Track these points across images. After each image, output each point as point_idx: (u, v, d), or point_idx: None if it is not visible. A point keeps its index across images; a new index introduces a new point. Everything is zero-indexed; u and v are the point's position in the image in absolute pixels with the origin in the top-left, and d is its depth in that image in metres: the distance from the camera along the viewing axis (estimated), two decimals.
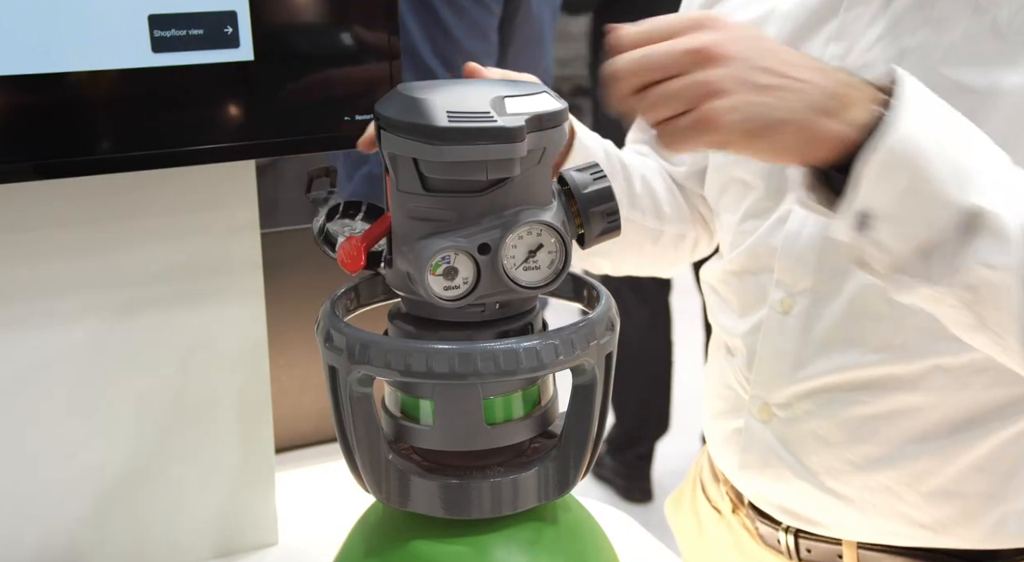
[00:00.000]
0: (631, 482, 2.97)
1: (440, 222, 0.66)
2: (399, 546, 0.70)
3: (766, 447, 0.98)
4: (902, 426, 0.91)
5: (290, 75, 0.84)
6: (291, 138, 0.86)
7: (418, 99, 0.64)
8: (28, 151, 0.78)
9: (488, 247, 0.65)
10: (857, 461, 0.93)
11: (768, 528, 1.03)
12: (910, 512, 0.93)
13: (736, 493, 1.07)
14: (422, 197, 0.66)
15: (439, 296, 0.66)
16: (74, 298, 0.89)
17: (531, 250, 0.67)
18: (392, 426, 0.71)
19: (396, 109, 0.66)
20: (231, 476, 0.99)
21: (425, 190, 0.66)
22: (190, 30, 0.80)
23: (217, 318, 0.95)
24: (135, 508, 0.95)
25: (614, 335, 0.70)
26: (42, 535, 0.93)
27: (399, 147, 0.65)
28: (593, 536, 0.75)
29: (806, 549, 1.00)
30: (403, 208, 0.67)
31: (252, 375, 0.97)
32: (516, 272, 0.67)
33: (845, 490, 0.94)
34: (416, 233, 0.66)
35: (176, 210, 0.91)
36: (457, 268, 0.66)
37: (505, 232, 0.65)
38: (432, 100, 0.64)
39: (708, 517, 1.12)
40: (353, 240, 0.70)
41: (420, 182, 0.66)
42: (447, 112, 0.63)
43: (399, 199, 0.67)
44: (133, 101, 0.80)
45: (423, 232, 0.66)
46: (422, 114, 0.63)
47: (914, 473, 0.92)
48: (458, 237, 0.65)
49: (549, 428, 0.73)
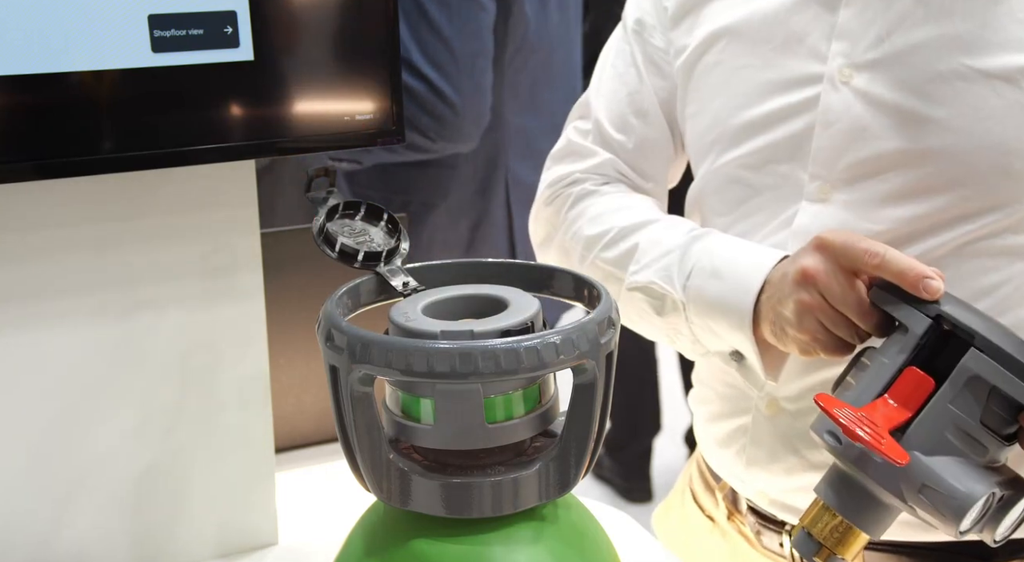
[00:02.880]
0: (631, 482, 2.97)
1: (979, 458, 0.72)
2: (400, 545, 0.70)
3: (774, 441, 0.98)
4: None
5: (290, 75, 0.84)
6: (291, 138, 0.86)
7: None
8: (28, 151, 0.78)
9: (1003, 499, 0.73)
10: None
11: (770, 532, 1.03)
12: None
13: (733, 499, 1.07)
14: (971, 425, 0.71)
15: (962, 527, 0.74)
16: (74, 298, 0.89)
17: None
18: (393, 425, 0.71)
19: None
20: (231, 476, 0.99)
21: (981, 424, 0.71)
22: (190, 30, 0.80)
23: (217, 318, 0.95)
24: (135, 508, 0.95)
25: (615, 335, 0.70)
26: (42, 535, 0.93)
27: (990, 373, 0.70)
28: (593, 536, 0.75)
29: None
30: (945, 421, 0.72)
31: (252, 375, 0.97)
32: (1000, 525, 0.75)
33: None
34: (955, 454, 0.72)
35: (176, 210, 0.91)
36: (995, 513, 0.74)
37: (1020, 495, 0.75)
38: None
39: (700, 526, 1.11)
40: (845, 409, 0.73)
41: (980, 413, 0.71)
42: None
43: (942, 411, 0.72)
44: (133, 101, 0.80)
45: (966, 464, 0.72)
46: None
47: None
48: (995, 484, 0.72)
49: (550, 427, 0.73)
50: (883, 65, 0.90)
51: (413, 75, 1.67)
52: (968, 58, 0.86)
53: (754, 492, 1.03)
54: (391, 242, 0.79)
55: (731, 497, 1.07)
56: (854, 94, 0.91)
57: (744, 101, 0.97)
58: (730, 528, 1.07)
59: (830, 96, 0.92)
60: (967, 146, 0.87)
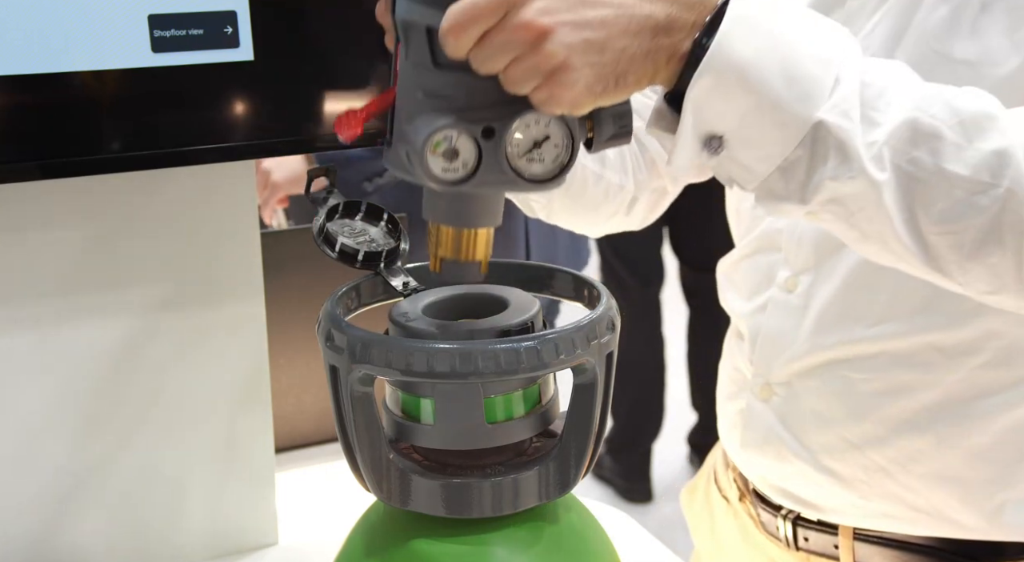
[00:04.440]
0: (631, 482, 2.97)
1: (446, 100, 0.63)
2: (400, 545, 0.70)
3: (766, 426, 0.99)
4: (897, 405, 0.92)
5: (290, 75, 0.84)
6: (291, 138, 0.86)
7: None
8: (28, 151, 0.78)
9: (493, 131, 0.63)
10: (854, 440, 0.94)
11: (768, 515, 1.03)
12: (905, 495, 0.94)
13: (743, 480, 1.08)
14: (431, 72, 0.63)
15: (437, 177, 0.63)
16: (74, 298, 0.89)
17: (537, 141, 0.64)
18: (393, 425, 0.71)
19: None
20: (231, 476, 0.99)
21: (435, 65, 0.63)
22: (190, 30, 0.79)
23: (217, 318, 0.95)
24: (135, 508, 0.95)
25: (615, 335, 0.70)
26: (42, 535, 0.93)
27: (413, 14, 0.62)
28: (593, 536, 0.75)
29: (803, 537, 1.00)
30: (411, 82, 0.64)
31: (252, 375, 0.97)
32: (519, 161, 0.64)
33: (842, 469, 0.95)
34: (421, 110, 0.63)
35: (176, 210, 0.91)
36: (458, 149, 0.63)
37: (513, 117, 0.63)
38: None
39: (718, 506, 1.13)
40: (353, 110, 0.67)
41: (431, 56, 0.63)
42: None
43: (407, 72, 0.64)
44: (133, 101, 0.80)
45: (428, 109, 0.63)
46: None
47: (909, 454, 0.93)
48: (463, 117, 0.62)
49: (550, 427, 0.73)
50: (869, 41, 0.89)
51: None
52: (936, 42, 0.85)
53: (755, 475, 1.04)
54: (391, 242, 0.79)
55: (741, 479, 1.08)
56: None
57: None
58: (740, 509, 1.08)
59: None
60: None
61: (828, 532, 0.99)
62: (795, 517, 1.01)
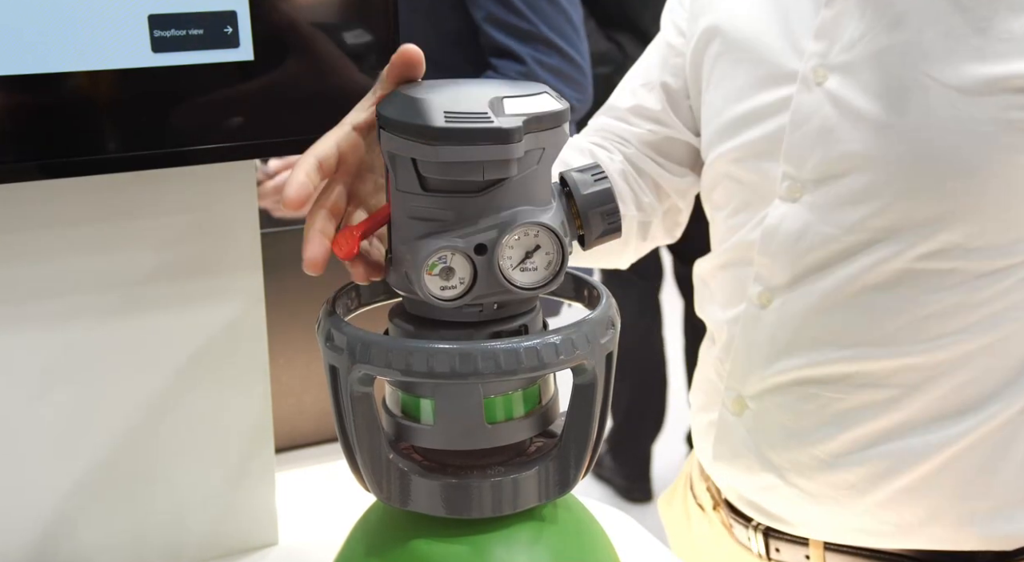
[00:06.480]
0: (631, 482, 2.97)
1: (438, 222, 0.66)
2: (399, 546, 0.70)
3: (737, 439, 0.99)
4: (869, 424, 0.92)
5: (290, 75, 0.84)
6: (291, 138, 0.86)
7: (417, 99, 0.64)
8: (27, 151, 0.78)
9: (485, 248, 0.65)
10: (824, 457, 0.94)
11: (740, 527, 1.03)
12: (875, 511, 0.93)
13: (716, 490, 1.08)
14: (420, 197, 0.66)
15: (435, 296, 0.66)
16: (74, 298, 0.89)
17: (528, 251, 0.67)
18: (393, 425, 0.72)
19: (396, 109, 0.66)
20: (231, 476, 0.99)
21: (423, 190, 0.66)
22: (190, 30, 0.79)
23: (217, 318, 0.95)
24: (135, 508, 0.95)
25: (614, 335, 0.70)
26: (42, 535, 0.93)
27: (398, 147, 0.65)
28: (593, 536, 0.75)
29: (775, 549, 1.00)
30: (402, 208, 0.67)
31: (252, 375, 0.97)
32: (512, 273, 0.67)
33: (811, 487, 0.95)
34: (415, 233, 0.66)
35: (176, 210, 0.91)
36: (454, 268, 0.66)
37: (502, 233, 0.65)
38: (431, 100, 0.64)
39: (694, 513, 1.13)
40: (349, 229, 0.70)
41: (419, 182, 0.66)
42: (444, 112, 0.63)
43: (398, 199, 0.67)
44: (133, 101, 0.80)
45: (422, 232, 0.66)
46: (420, 114, 0.63)
47: (879, 472, 0.92)
48: (455, 237, 0.65)
49: (549, 427, 0.73)
50: (853, 68, 0.89)
51: (545, 48, 1.68)
52: (928, 67, 0.85)
53: (726, 487, 1.04)
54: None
55: (715, 488, 1.08)
56: (825, 95, 0.91)
57: (736, 95, 0.97)
58: (715, 517, 1.08)
59: (803, 96, 0.92)
60: (921, 155, 0.86)
61: (800, 543, 0.99)
62: (766, 529, 1.01)
